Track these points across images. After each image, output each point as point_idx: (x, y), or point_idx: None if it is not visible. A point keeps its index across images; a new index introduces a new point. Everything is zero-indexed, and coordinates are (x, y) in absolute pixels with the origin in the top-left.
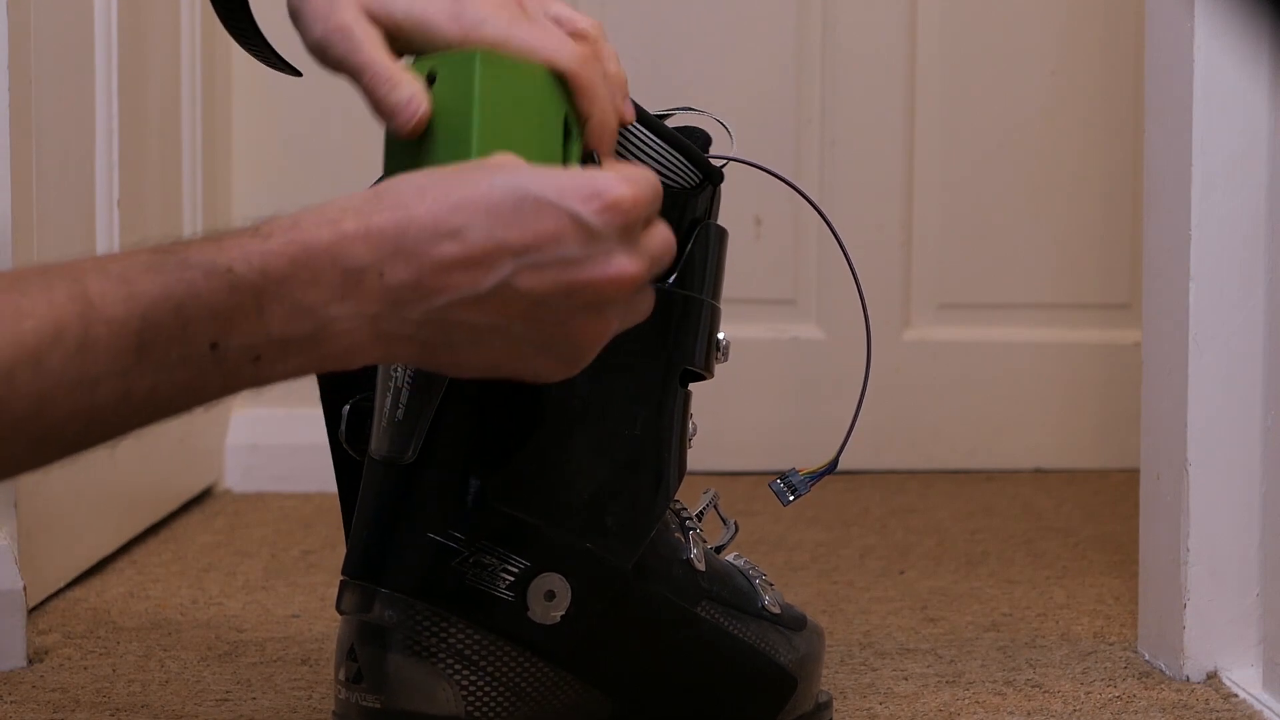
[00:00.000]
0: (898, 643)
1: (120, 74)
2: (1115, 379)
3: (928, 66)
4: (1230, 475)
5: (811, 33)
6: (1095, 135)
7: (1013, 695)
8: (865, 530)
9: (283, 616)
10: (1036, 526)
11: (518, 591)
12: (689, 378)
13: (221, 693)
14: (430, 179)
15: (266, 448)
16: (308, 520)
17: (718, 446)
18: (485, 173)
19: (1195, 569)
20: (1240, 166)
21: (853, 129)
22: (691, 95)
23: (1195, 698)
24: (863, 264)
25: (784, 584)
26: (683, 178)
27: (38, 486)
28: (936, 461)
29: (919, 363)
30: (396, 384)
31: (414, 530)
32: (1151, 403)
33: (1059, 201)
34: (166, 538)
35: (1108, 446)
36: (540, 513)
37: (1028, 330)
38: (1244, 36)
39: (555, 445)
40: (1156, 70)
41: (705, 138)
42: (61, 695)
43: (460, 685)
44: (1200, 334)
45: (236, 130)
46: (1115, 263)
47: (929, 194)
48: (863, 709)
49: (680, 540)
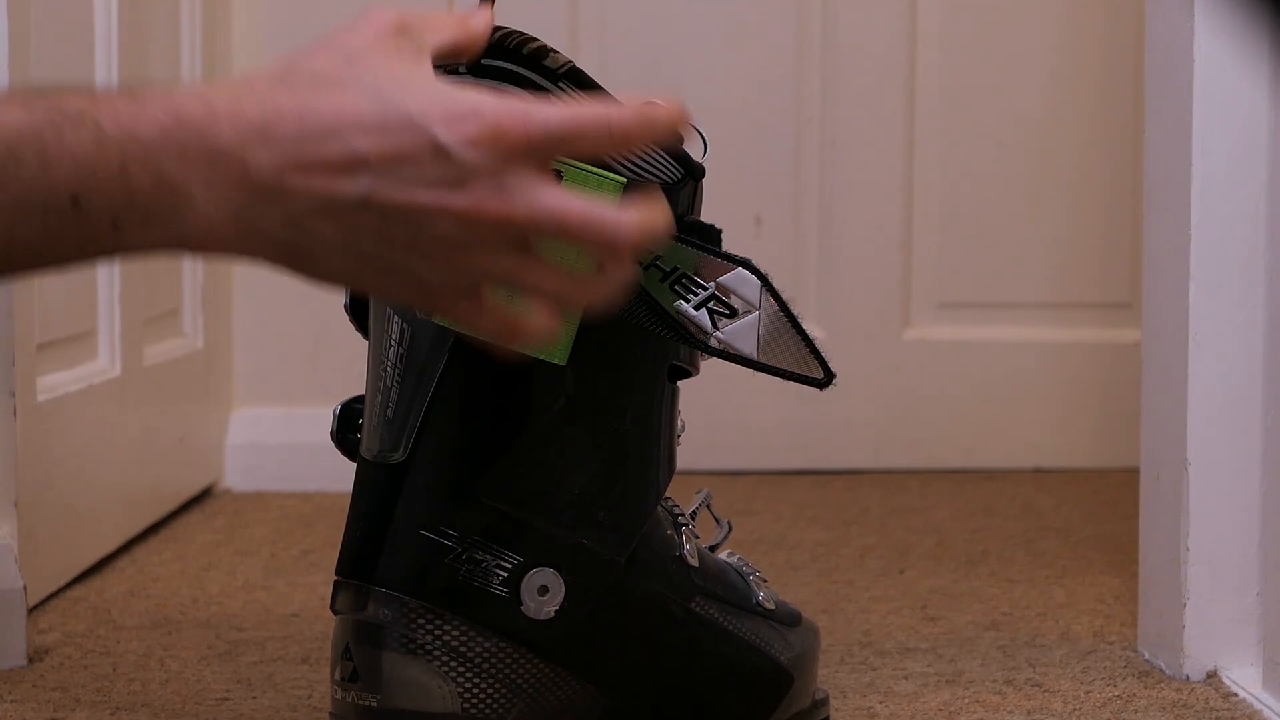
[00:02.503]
0: (898, 642)
1: (120, 74)
2: (1115, 379)
3: (928, 66)
4: (1230, 475)
5: (811, 33)
6: (1095, 135)
7: (1013, 694)
8: (865, 530)
9: (283, 616)
10: (1036, 526)
11: (511, 587)
12: (676, 373)
13: (221, 692)
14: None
15: (266, 447)
16: (308, 519)
17: (717, 446)
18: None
19: (1195, 569)
20: (1240, 166)
21: (853, 129)
22: (691, 95)
23: (1195, 697)
24: (863, 264)
25: (784, 583)
26: (663, 173)
27: (39, 486)
28: (936, 461)
29: (919, 362)
30: (386, 383)
31: (406, 528)
32: (1151, 402)
33: (1059, 201)
34: (167, 537)
35: (1108, 446)
36: (532, 508)
37: (1028, 330)
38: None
39: (545, 441)
40: (1156, 70)
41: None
42: (61, 694)
43: (456, 682)
44: (1200, 334)
45: None
46: (1115, 263)
47: (929, 194)
48: (863, 708)
49: (673, 537)
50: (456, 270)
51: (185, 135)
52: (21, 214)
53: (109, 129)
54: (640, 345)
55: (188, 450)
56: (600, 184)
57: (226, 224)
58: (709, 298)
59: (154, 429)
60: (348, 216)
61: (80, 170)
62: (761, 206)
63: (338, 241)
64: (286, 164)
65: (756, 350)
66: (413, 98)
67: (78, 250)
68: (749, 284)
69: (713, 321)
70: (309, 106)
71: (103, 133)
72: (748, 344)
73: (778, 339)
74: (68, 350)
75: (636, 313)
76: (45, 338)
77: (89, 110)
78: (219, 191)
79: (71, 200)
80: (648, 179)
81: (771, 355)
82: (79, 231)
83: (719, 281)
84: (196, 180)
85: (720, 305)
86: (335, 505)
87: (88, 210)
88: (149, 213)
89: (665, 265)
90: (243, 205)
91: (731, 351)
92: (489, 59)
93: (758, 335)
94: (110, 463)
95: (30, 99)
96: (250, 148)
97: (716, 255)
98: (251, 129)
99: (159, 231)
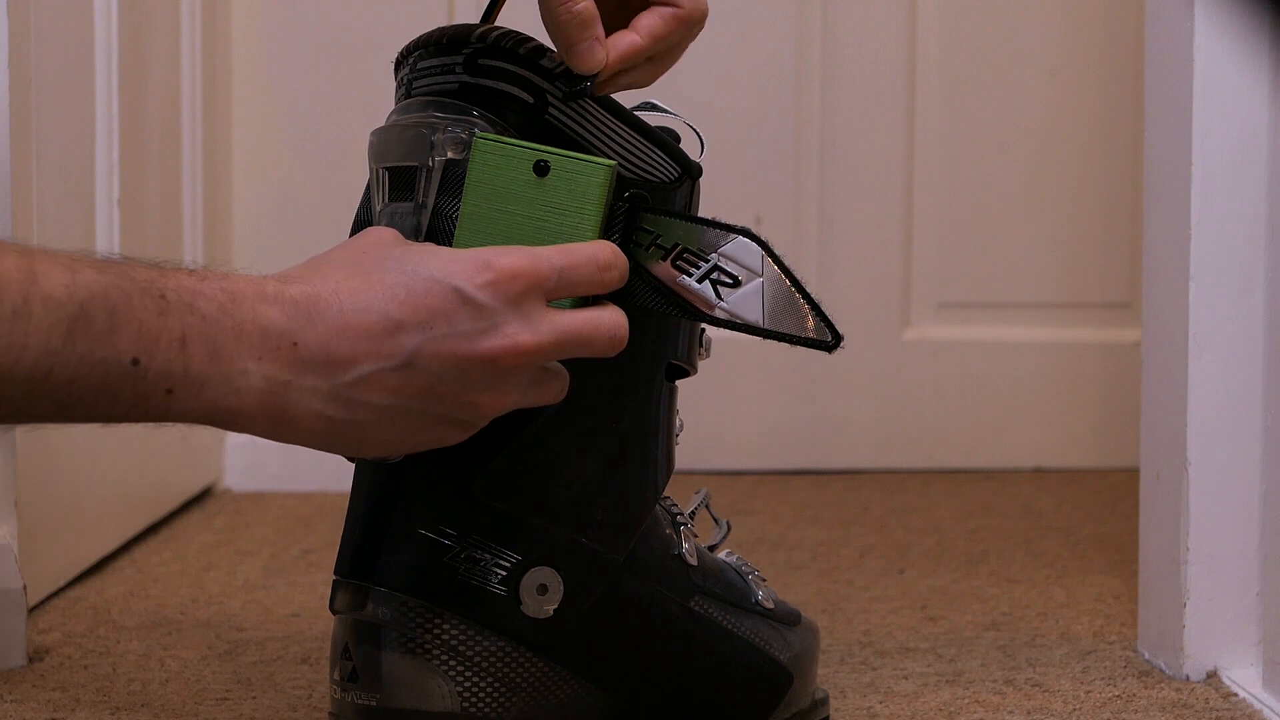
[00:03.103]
0: (898, 642)
1: (120, 74)
2: (1115, 378)
3: (928, 67)
4: (1230, 475)
5: (811, 33)
6: (1095, 135)
7: (1013, 694)
8: (865, 530)
9: (283, 615)
10: (1036, 526)
11: (510, 586)
12: (674, 372)
13: (221, 692)
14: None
15: (267, 447)
16: (308, 519)
17: (717, 445)
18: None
19: (1195, 569)
20: (1240, 166)
21: (853, 129)
22: (691, 95)
23: (1195, 697)
24: (863, 264)
25: (784, 583)
26: (660, 172)
27: (39, 486)
28: (936, 461)
29: (919, 362)
30: None
31: (405, 527)
32: (1151, 402)
33: (1059, 201)
34: (167, 537)
35: (1108, 446)
36: (530, 507)
37: (1028, 330)
38: (1244, 36)
39: (543, 440)
40: (1156, 70)
41: (675, 137)
42: (61, 694)
43: (455, 681)
44: (1200, 334)
45: (236, 130)
46: (1115, 262)
47: (929, 194)
48: (863, 708)
49: (672, 536)
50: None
51: (240, 313)
52: (85, 367)
53: (173, 300)
54: (638, 344)
55: (188, 450)
56: (591, 170)
57: (270, 399)
58: (711, 269)
59: (154, 429)
60: (395, 379)
61: (144, 336)
62: (761, 206)
63: (386, 408)
64: (331, 337)
65: (762, 317)
66: (431, 263)
67: (130, 408)
68: (750, 252)
69: (716, 293)
70: (343, 286)
71: (166, 304)
72: (753, 311)
73: (783, 304)
74: None
75: (641, 293)
76: None
77: (156, 281)
78: (269, 367)
79: (132, 361)
80: (646, 178)
81: (777, 321)
82: (135, 390)
83: (720, 252)
84: (249, 355)
85: (723, 275)
86: (335, 505)
87: (145, 372)
88: (203, 381)
89: (665, 243)
90: (291, 380)
91: (738, 320)
92: (486, 59)
93: (763, 302)
94: (110, 463)
95: (103, 264)
96: (298, 326)
97: (715, 226)
98: (298, 309)
99: (210, 402)
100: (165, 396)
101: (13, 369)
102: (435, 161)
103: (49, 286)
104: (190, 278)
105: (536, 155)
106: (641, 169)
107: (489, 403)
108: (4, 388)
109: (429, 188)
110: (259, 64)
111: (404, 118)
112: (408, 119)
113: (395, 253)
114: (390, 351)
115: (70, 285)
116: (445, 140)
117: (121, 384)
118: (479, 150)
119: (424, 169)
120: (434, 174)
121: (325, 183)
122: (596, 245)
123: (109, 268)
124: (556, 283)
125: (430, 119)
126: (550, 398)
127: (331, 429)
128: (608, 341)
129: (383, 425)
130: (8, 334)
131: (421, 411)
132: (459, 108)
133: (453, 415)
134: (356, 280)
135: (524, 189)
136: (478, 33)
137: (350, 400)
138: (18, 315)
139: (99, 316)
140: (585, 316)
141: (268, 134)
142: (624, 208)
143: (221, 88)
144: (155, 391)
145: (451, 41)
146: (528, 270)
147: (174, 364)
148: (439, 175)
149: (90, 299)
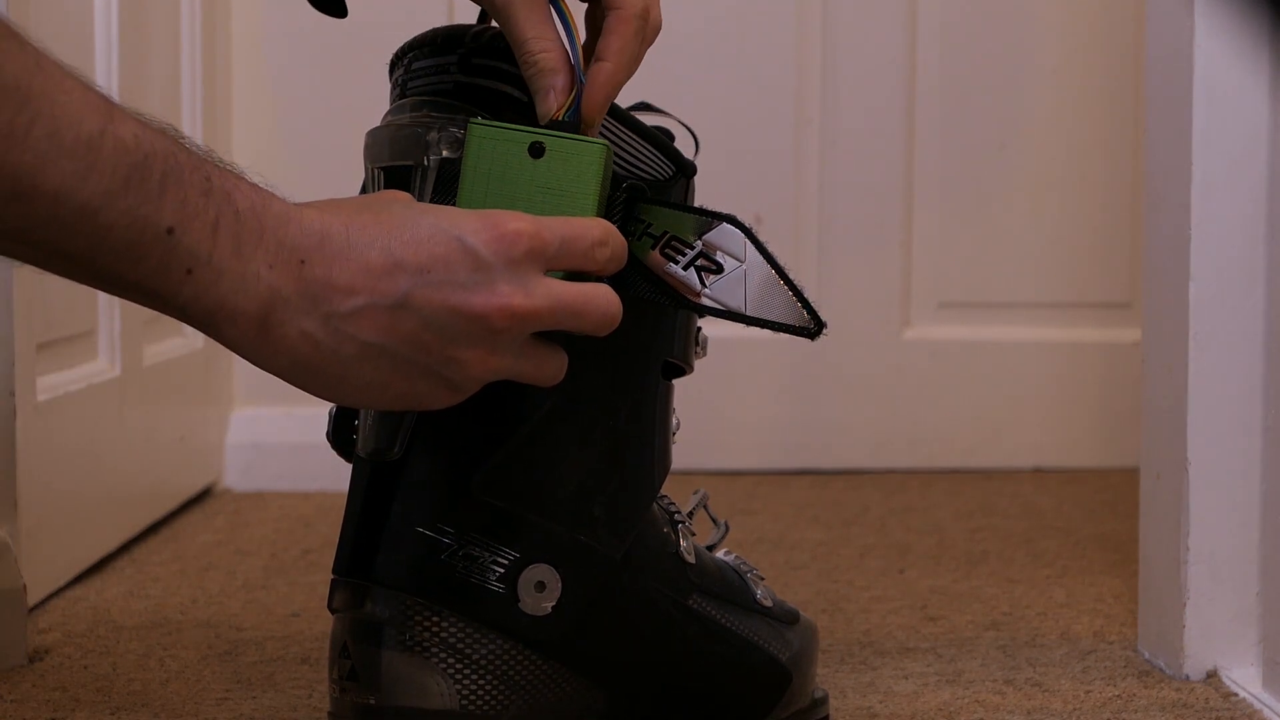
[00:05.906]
0: (898, 642)
1: (120, 74)
2: (1115, 378)
3: (928, 66)
4: (1230, 475)
5: (811, 33)
6: (1095, 135)
7: (1013, 694)
8: (865, 530)
9: (283, 615)
10: (1036, 526)
11: (508, 583)
12: (670, 370)
13: (221, 692)
14: (355, 206)
15: (267, 447)
16: (308, 519)
17: (717, 445)
18: (397, 210)
19: (1195, 568)
20: (1240, 166)
21: (853, 129)
22: (691, 94)
23: (1195, 697)
24: (863, 264)
25: (784, 583)
26: (655, 170)
27: (39, 486)
28: (936, 461)
29: (919, 362)
30: None
31: (403, 525)
32: (1151, 402)
33: (1059, 201)
34: (167, 537)
35: (1108, 446)
36: (528, 504)
37: (1027, 329)
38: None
39: (539, 437)
40: (1156, 70)
41: (670, 137)
42: (61, 694)
43: (454, 679)
44: (1200, 333)
45: (236, 130)
46: (1115, 262)
47: (929, 194)
48: (863, 708)
49: (669, 535)
50: (483, 365)
51: (265, 221)
52: (126, 219)
53: (215, 185)
54: (634, 340)
55: (187, 450)
56: (585, 150)
57: (271, 309)
58: (696, 256)
59: (154, 429)
60: (386, 317)
61: (185, 209)
62: (761, 206)
63: (372, 345)
64: (335, 264)
65: (745, 303)
66: (441, 215)
67: (148, 274)
68: (734, 238)
69: (700, 279)
70: (354, 221)
71: (210, 186)
72: (735, 298)
73: (766, 291)
74: (68, 350)
75: (634, 283)
76: (45, 337)
77: (204, 163)
78: (277, 277)
79: (168, 230)
80: (641, 176)
81: (760, 308)
82: (160, 259)
83: (705, 239)
84: (264, 260)
85: (707, 262)
86: (335, 505)
87: (176, 245)
88: (220, 271)
89: (655, 232)
90: (291, 297)
91: (721, 307)
92: (481, 58)
93: (745, 288)
94: (110, 463)
95: (164, 130)
96: (309, 245)
97: (701, 214)
98: (310, 237)
99: (219, 296)
100: (184, 275)
101: (71, 196)
102: (430, 160)
103: (122, 130)
104: (231, 172)
105: (532, 138)
106: (637, 167)
107: (475, 361)
108: (57, 210)
109: (424, 186)
110: (259, 64)
111: (399, 118)
112: (403, 119)
113: (407, 202)
114: (386, 289)
115: (139, 136)
116: (440, 139)
117: (151, 248)
118: (474, 135)
119: (419, 168)
120: (429, 173)
121: (324, 183)
122: (592, 221)
123: (169, 135)
124: (556, 251)
125: (425, 118)
126: (545, 376)
127: (315, 356)
128: (600, 317)
129: (365, 364)
130: (81, 159)
131: (406, 358)
132: (454, 107)
133: (438, 370)
134: (367, 217)
135: (520, 172)
136: (472, 33)
137: (338, 331)
138: (91, 146)
139: (155, 175)
140: (580, 289)
141: (268, 134)
142: (622, 198)
143: (221, 88)
144: (177, 266)
145: (446, 41)
146: (531, 233)
147: (202, 245)
148: (434, 174)
149: (153, 155)
